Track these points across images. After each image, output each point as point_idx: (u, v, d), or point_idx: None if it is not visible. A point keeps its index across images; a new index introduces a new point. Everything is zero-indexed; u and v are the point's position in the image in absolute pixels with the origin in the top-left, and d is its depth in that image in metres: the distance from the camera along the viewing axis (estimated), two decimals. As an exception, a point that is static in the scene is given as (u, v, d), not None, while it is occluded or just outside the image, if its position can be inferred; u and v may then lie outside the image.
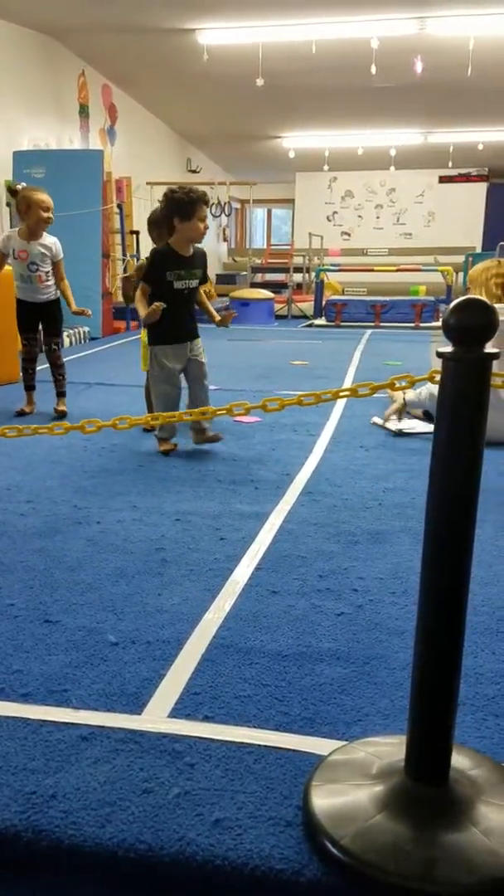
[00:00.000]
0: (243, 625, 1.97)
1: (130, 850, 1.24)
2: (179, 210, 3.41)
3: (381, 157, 13.70)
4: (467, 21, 7.29)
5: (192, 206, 3.40)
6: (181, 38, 8.11)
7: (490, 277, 3.87)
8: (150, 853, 1.23)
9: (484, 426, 1.18)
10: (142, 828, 1.28)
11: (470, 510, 1.19)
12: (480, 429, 1.17)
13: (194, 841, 1.25)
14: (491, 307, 1.15)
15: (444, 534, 1.20)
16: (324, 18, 7.39)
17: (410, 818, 1.20)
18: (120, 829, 1.27)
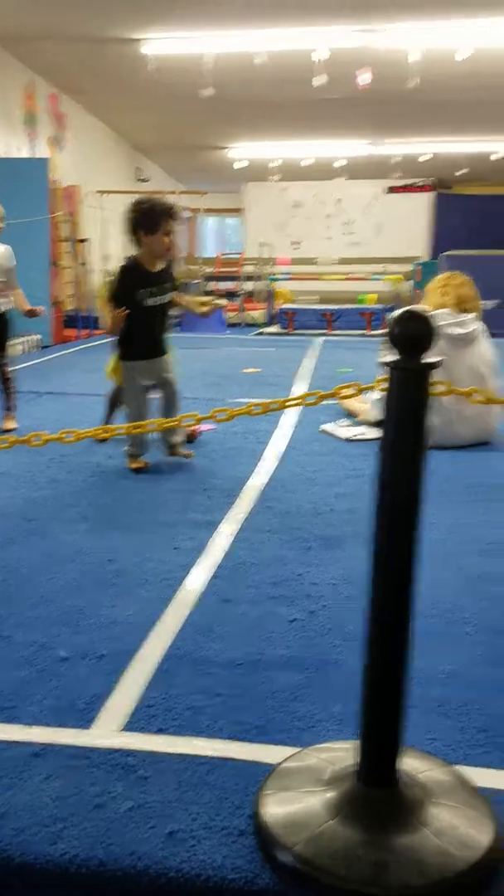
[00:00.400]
0: (197, 634, 1.97)
1: (83, 867, 1.22)
2: (144, 223, 3.27)
3: (329, 167, 13.86)
4: (410, 33, 7.44)
5: (157, 218, 3.25)
6: (126, 47, 8.09)
7: (444, 286, 4.06)
8: (102, 868, 1.22)
9: (426, 432, 1.20)
10: (94, 843, 1.26)
11: (414, 514, 1.21)
12: (424, 435, 1.20)
13: (147, 854, 1.24)
14: (431, 318, 1.18)
15: (389, 538, 1.21)
16: (268, 30, 7.46)
17: (362, 822, 1.21)
18: (72, 846, 1.26)
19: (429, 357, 1.17)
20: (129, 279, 3.35)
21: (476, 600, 2.18)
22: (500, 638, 1.96)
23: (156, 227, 3.26)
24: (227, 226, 19.90)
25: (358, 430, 4.21)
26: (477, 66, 8.06)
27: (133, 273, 3.36)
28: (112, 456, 3.72)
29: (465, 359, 3.91)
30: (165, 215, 3.27)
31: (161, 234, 3.28)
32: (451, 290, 4.01)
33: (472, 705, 1.65)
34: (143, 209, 3.27)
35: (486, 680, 1.76)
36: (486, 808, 1.28)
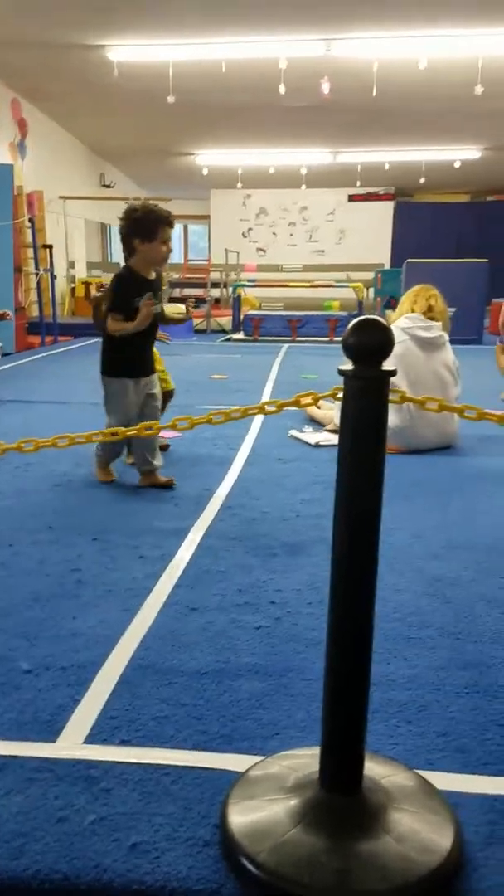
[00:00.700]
0: (162, 644, 1.96)
1: (45, 881, 1.21)
2: (140, 230, 3.12)
3: (292, 175, 13.95)
4: (371, 43, 7.53)
5: (154, 226, 3.11)
6: (91, 53, 8.07)
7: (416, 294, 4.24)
8: (65, 882, 1.21)
9: (384, 440, 1.22)
10: (57, 857, 1.25)
11: (374, 520, 1.22)
12: (381, 442, 1.21)
13: (111, 867, 1.23)
14: (387, 327, 1.19)
15: (349, 545, 1.22)
16: (233, 38, 7.50)
17: (325, 829, 1.22)
18: (34, 860, 1.24)
19: (386, 365, 1.19)
20: (127, 288, 3.19)
21: (437, 603, 2.21)
22: (459, 641, 1.98)
23: (153, 235, 3.13)
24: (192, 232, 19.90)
25: (325, 436, 4.24)
26: (435, 75, 8.18)
27: (129, 282, 3.20)
28: (80, 464, 3.70)
29: (430, 363, 4.01)
30: (162, 222, 3.13)
31: (158, 242, 3.15)
32: (422, 300, 4.20)
33: (432, 709, 1.67)
34: (139, 216, 3.13)
35: (446, 683, 1.78)
36: (447, 812, 1.30)
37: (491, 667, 1.85)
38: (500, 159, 13.09)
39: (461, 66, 7.88)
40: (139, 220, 3.12)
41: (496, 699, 1.71)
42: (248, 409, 1.48)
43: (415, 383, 3.86)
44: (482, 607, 2.18)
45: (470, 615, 2.13)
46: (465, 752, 1.52)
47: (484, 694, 1.73)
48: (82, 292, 12.00)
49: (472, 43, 7.37)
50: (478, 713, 1.66)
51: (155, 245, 3.15)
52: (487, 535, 2.78)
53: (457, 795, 1.39)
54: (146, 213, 3.12)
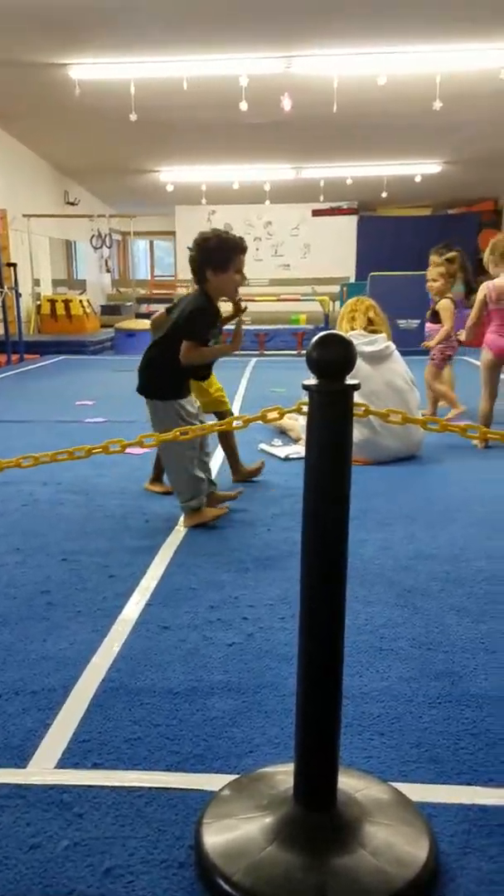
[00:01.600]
0: (133, 664, 1.94)
1: (17, 913, 1.19)
2: (213, 260, 2.92)
3: (256, 191, 14.04)
4: (331, 60, 7.63)
5: (229, 255, 2.93)
6: (53, 72, 8.06)
7: (352, 312, 4.25)
8: (38, 913, 1.19)
9: (349, 452, 1.23)
10: (30, 885, 1.23)
11: (342, 532, 1.23)
12: (346, 455, 1.22)
13: (85, 893, 1.21)
14: (349, 341, 1.21)
15: (319, 557, 1.23)
16: (194, 56, 7.55)
17: (301, 846, 1.21)
18: (6, 889, 1.22)
19: (349, 379, 1.20)
20: (207, 320, 2.97)
21: (407, 614, 2.22)
22: (430, 651, 2.00)
23: (226, 266, 2.93)
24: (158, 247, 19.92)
25: (294, 449, 4.26)
26: (395, 92, 8.31)
27: (209, 314, 3.00)
28: (47, 483, 3.66)
29: (382, 375, 4.05)
30: (236, 251, 2.95)
31: (231, 273, 2.95)
32: (359, 315, 4.22)
33: (405, 720, 1.68)
34: (212, 246, 2.92)
35: (418, 694, 1.79)
36: (422, 824, 1.30)
37: (462, 676, 1.87)
38: (460, 173, 13.32)
39: (420, 82, 8.01)
40: (212, 251, 2.92)
41: (468, 708, 1.73)
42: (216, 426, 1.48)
43: (370, 396, 3.87)
44: (452, 617, 2.20)
45: (440, 625, 2.15)
46: (439, 763, 1.53)
47: (456, 703, 1.74)
48: (48, 310, 11.93)
49: (429, 59, 7.51)
50: (450, 723, 1.67)
51: (229, 275, 2.96)
52: (454, 544, 2.81)
53: (431, 806, 1.40)
54: (220, 243, 2.93)
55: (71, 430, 5.00)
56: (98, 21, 6.69)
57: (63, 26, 6.84)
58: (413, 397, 4.17)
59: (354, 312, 4.22)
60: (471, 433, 1.46)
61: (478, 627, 2.13)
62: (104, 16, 6.55)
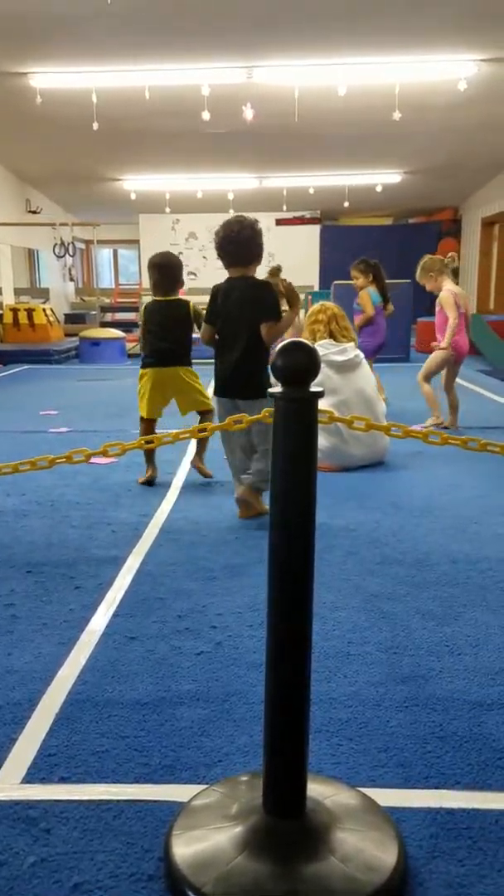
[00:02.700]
0: (100, 676, 1.92)
1: (-17, 933, 1.17)
2: (261, 247, 3.24)
3: (220, 200, 14.07)
4: (291, 71, 7.69)
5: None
6: (13, 80, 8.00)
7: (318, 320, 4.26)
8: (4, 933, 1.17)
9: (315, 460, 1.23)
10: (-4, 906, 1.21)
11: (307, 538, 1.23)
12: (312, 463, 1.22)
13: (52, 912, 1.19)
14: (314, 349, 1.21)
15: (285, 563, 1.23)
16: (156, 65, 7.55)
17: (270, 855, 1.21)
18: (-29, 912, 1.20)
19: (314, 387, 1.21)
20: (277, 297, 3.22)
21: (374, 619, 2.23)
22: (396, 655, 2.01)
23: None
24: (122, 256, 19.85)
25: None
26: (355, 102, 8.41)
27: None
28: (10, 494, 3.61)
29: (351, 383, 4.09)
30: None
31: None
32: (321, 325, 4.23)
33: (372, 725, 1.69)
34: (258, 229, 3.20)
35: (385, 699, 1.80)
36: (391, 829, 1.30)
37: (428, 679, 1.88)
38: (420, 182, 13.50)
39: (379, 93, 8.11)
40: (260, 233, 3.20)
41: (434, 711, 1.74)
42: (181, 434, 1.47)
43: (339, 406, 3.91)
44: (417, 621, 2.22)
45: (406, 629, 2.17)
46: (406, 767, 1.54)
47: (423, 707, 1.76)
48: (10, 319, 11.80)
49: (389, 70, 7.61)
50: (417, 726, 1.68)
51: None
52: (417, 549, 2.84)
53: (399, 811, 1.41)
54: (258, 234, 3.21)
55: (35, 440, 4.95)
56: (59, 30, 6.66)
57: (23, 35, 6.80)
58: (380, 406, 4.22)
59: (317, 324, 4.22)
60: (432, 439, 1.47)
61: (442, 630, 2.15)
62: (65, 25, 6.53)
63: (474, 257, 14.19)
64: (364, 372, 4.19)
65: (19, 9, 6.20)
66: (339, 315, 4.27)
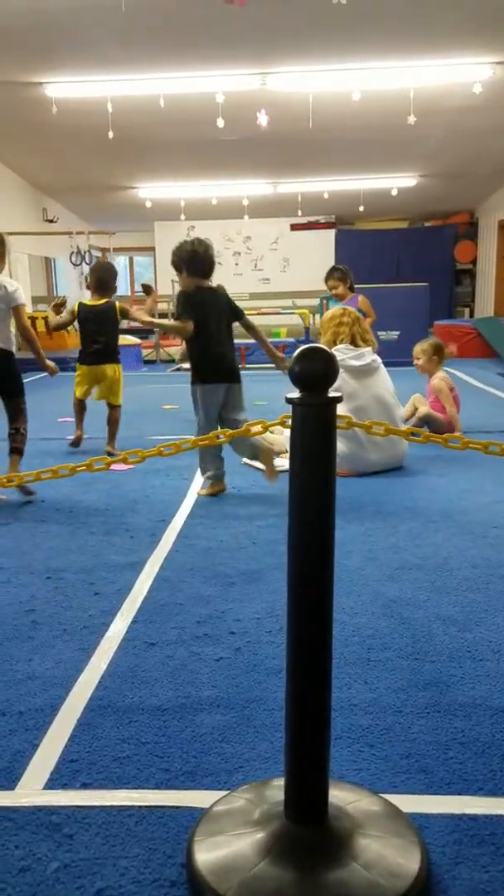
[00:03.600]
0: (121, 682, 1.93)
1: (7, 939, 1.17)
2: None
3: (234, 206, 14.11)
4: (305, 77, 7.71)
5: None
6: (29, 91, 8.09)
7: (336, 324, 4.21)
8: (28, 938, 1.17)
9: (333, 465, 1.23)
10: (19, 911, 1.21)
11: (328, 544, 1.23)
12: (331, 468, 1.23)
13: (76, 917, 1.20)
14: (331, 355, 1.22)
15: (305, 569, 1.23)
16: (170, 74, 7.60)
17: (293, 861, 1.20)
18: (-5, 917, 1.20)
19: (331, 392, 1.21)
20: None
21: (394, 625, 2.22)
22: (417, 661, 2.00)
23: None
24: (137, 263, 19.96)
25: (278, 462, 4.25)
26: (369, 106, 8.41)
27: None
28: (30, 501, 3.64)
29: (369, 389, 4.06)
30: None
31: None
32: (345, 328, 4.19)
33: (394, 731, 1.68)
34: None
35: (406, 705, 1.79)
36: (414, 835, 1.30)
37: (450, 685, 1.87)
38: (435, 186, 13.47)
39: (394, 97, 8.11)
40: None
41: (456, 717, 1.73)
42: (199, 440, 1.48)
43: (357, 411, 3.89)
44: (438, 626, 2.21)
45: (427, 635, 2.15)
46: (428, 773, 1.53)
47: (444, 713, 1.75)
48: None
49: (403, 74, 7.61)
50: (439, 733, 1.67)
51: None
52: (437, 554, 2.82)
53: (422, 817, 1.40)
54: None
55: (52, 448, 4.98)
56: (73, 40, 6.72)
57: (38, 45, 6.87)
58: (398, 411, 4.20)
59: (339, 327, 4.18)
60: (452, 443, 1.47)
61: (464, 636, 2.14)
62: (80, 34, 6.59)
63: (491, 260, 14.13)
64: (381, 377, 4.16)
65: (34, 19, 6.26)
66: (360, 319, 4.25)
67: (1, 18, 6.22)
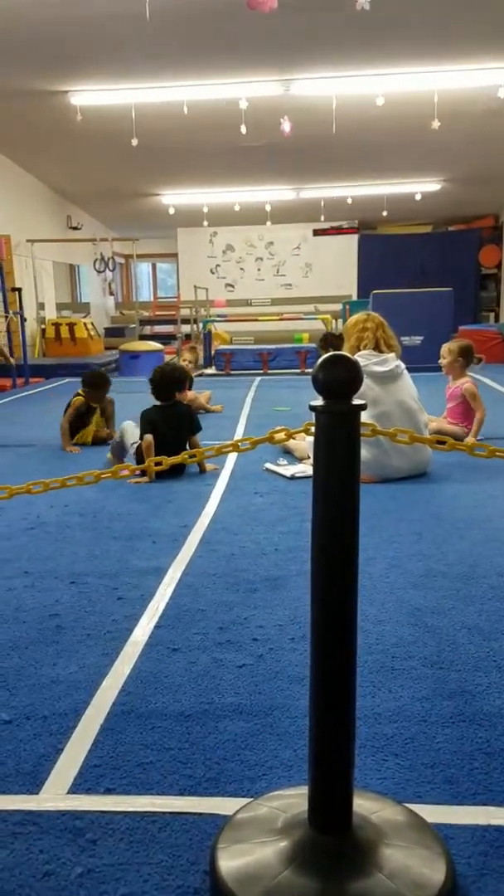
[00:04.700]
0: (144, 687, 1.94)
1: (32, 943, 1.18)
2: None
3: (257, 212, 14.16)
4: (328, 83, 7.73)
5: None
6: (54, 99, 8.18)
7: (359, 329, 4.15)
8: (52, 943, 1.18)
9: (357, 472, 1.23)
10: (44, 916, 1.22)
11: (352, 552, 1.23)
12: (355, 475, 1.22)
13: (100, 923, 1.20)
14: (355, 362, 1.21)
15: (329, 576, 1.23)
16: (194, 81, 7.65)
17: (316, 870, 1.20)
18: (20, 921, 1.21)
19: (355, 399, 1.21)
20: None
21: (419, 633, 2.21)
22: (442, 670, 1.98)
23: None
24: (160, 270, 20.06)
25: (300, 468, 4.25)
26: (393, 111, 8.40)
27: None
28: (53, 505, 3.67)
29: (392, 394, 4.03)
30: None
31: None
32: (369, 333, 4.13)
33: (418, 741, 1.67)
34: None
35: (431, 714, 1.77)
36: (439, 846, 1.28)
37: (475, 695, 1.85)
38: (459, 190, 13.41)
39: (418, 102, 8.10)
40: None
41: (481, 727, 1.71)
42: (223, 447, 1.48)
43: (381, 417, 3.86)
44: (464, 635, 2.19)
45: (452, 644, 2.14)
46: (454, 783, 1.52)
47: (469, 723, 1.73)
48: (52, 333, 12.01)
49: (427, 79, 7.60)
50: (464, 742, 1.66)
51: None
52: (463, 562, 2.80)
53: (447, 827, 1.38)
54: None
55: (75, 454, 5.01)
56: (98, 48, 6.79)
57: (63, 54, 6.95)
58: (422, 417, 4.16)
59: (363, 332, 4.12)
60: (478, 451, 1.46)
61: (490, 645, 2.12)
62: (104, 43, 6.65)
63: (515, 264, 14.02)
64: (405, 383, 4.13)
65: (59, 28, 6.34)
66: (384, 324, 4.21)
67: (27, 28, 6.30)
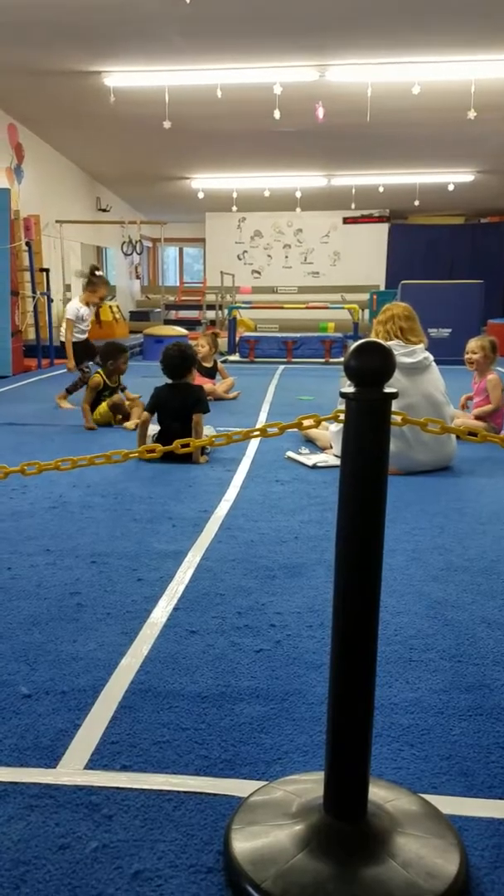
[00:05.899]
0: (162, 667, 1.95)
1: (47, 912, 1.19)
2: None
3: (287, 198, 14.08)
4: (364, 69, 7.64)
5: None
6: (87, 80, 8.17)
7: (388, 319, 4.12)
8: (67, 913, 1.19)
9: (386, 461, 1.22)
10: (59, 886, 1.24)
11: (377, 542, 1.23)
12: (383, 465, 1.21)
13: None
14: (389, 350, 1.20)
15: (352, 568, 1.22)
16: (228, 64, 7.60)
17: (330, 855, 1.20)
18: (35, 889, 1.23)
19: (387, 388, 1.20)
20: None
21: (438, 626, 2.20)
22: (461, 664, 1.98)
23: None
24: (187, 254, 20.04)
25: (322, 457, 4.24)
26: (429, 100, 8.30)
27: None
28: (76, 485, 3.69)
29: (419, 386, 3.99)
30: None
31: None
32: (396, 323, 4.09)
33: (435, 732, 1.66)
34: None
35: (448, 706, 1.77)
36: (453, 837, 1.28)
37: (494, 689, 1.85)
38: (493, 182, 13.24)
39: (454, 91, 8.00)
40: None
41: (499, 721, 1.71)
42: (251, 432, 1.48)
43: (407, 409, 3.83)
44: (483, 630, 2.18)
45: (471, 637, 2.13)
46: (469, 776, 1.52)
47: (487, 717, 1.73)
48: (78, 314, 12.03)
49: (464, 68, 7.49)
50: (481, 736, 1.65)
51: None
52: (484, 556, 2.78)
53: (461, 819, 1.38)
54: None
55: (99, 434, 5.04)
56: (133, 30, 6.76)
57: (98, 35, 6.93)
58: (448, 410, 4.13)
59: (389, 322, 4.09)
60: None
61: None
62: (139, 25, 6.62)
63: (547, 258, 13.84)
64: (433, 375, 4.09)
65: (95, 9, 6.31)
66: (412, 315, 4.17)
67: (61, 7, 6.28)
